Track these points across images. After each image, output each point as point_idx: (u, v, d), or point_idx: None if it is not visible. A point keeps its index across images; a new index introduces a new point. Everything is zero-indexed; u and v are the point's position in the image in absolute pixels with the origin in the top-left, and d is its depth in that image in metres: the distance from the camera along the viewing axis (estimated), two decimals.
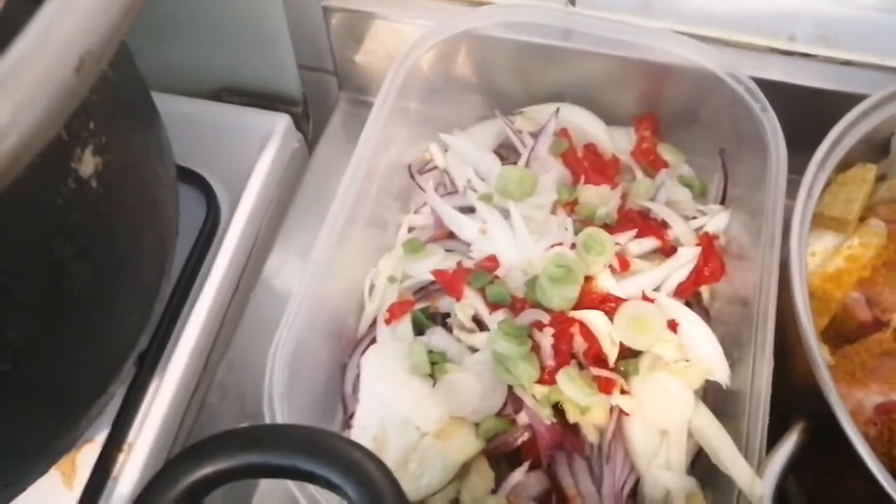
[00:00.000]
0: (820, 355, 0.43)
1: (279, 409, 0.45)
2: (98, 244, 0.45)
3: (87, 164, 0.42)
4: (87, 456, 0.57)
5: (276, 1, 0.66)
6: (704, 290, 0.57)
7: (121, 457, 0.56)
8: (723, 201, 0.61)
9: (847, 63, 0.64)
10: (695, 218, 0.60)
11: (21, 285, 0.39)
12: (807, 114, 0.56)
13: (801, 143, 0.55)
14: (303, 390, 0.51)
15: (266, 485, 0.56)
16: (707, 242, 0.56)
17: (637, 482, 0.49)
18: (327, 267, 0.53)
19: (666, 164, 0.62)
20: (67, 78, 0.25)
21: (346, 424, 0.53)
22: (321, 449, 0.35)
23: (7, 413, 0.43)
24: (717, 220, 0.58)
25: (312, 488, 0.44)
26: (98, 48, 0.26)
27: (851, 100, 0.56)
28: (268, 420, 0.45)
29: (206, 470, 0.35)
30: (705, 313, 0.56)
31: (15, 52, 0.24)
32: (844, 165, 0.55)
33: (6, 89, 0.24)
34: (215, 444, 0.36)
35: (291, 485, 0.44)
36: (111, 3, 0.27)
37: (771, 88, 0.60)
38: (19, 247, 0.38)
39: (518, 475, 0.48)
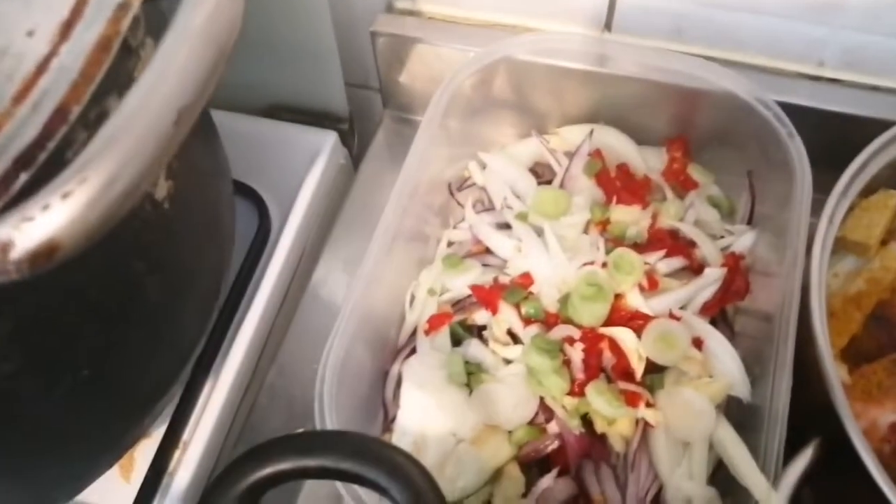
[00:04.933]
0: (835, 375, 0.46)
1: (328, 414, 0.49)
2: (167, 259, 0.49)
3: (162, 188, 0.46)
4: (144, 451, 0.61)
5: (327, 24, 0.69)
6: (730, 307, 0.60)
7: (176, 454, 0.60)
8: (750, 221, 0.64)
9: (874, 89, 0.66)
10: (722, 237, 0.63)
11: (104, 299, 0.43)
12: (835, 138, 0.58)
13: (830, 165, 0.57)
14: (348, 395, 0.54)
15: (311, 483, 0.60)
16: (733, 262, 0.59)
17: (660, 490, 0.52)
18: (374, 279, 0.56)
19: (696, 185, 0.65)
20: (167, 131, 0.29)
21: (387, 428, 0.57)
22: (370, 455, 0.39)
23: (83, 413, 0.47)
24: (743, 241, 0.61)
25: (357, 487, 0.48)
26: (193, 102, 0.30)
27: (879, 125, 0.58)
28: (318, 423, 0.49)
29: (267, 471, 0.39)
30: (730, 330, 0.58)
31: (122, 111, 0.29)
32: (868, 191, 0.57)
33: (116, 145, 0.28)
34: (275, 447, 0.40)
35: (338, 485, 0.47)
36: (202, 64, 0.31)
37: (799, 113, 0.62)
38: (105, 265, 0.42)
39: (547, 481, 0.52)
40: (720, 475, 0.52)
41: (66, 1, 0.32)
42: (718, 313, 0.59)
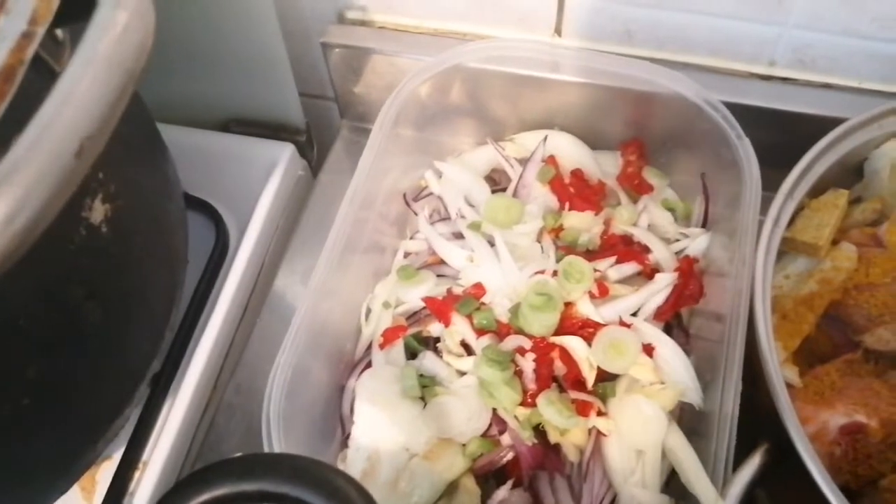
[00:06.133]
0: (779, 381, 0.45)
1: (276, 434, 0.49)
2: (108, 284, 0.48)
3: (97, 211, 0.45)
4: (106, 472, 0.61)
5: (276, 37, 0.69)
6: (685, 310, 0.60)
7: (136, 474, 0.60)
8: (704, 223, 0.63)
9: (826, 86, 0.67)
10: (677, 241, 0.62)
11: (39, 327, 0.43)
12: (790, 137, 0.58)
13: (786, 164, 0.57)
14: (304, 411, 0.54)
15: None
16: (687, 266, 0.59)
17: (614, 499, 0.51)
18: (326, 293, 0.56)
19: (650, 188, 0.65)
20: (69, 163, 0.29)
21: (344, 444, 0.56)
22: (308, 477, 0.38)
23: (28, 441, 0.47)
24: (697, 244, 0.61)
25: None
26: (96, 133, 0.30)
27: (832, 122, 0.58)
28: (265, 444, 0.49)
29: (205, 497, 0.38)
30: (685, 334, 0.58)
31: (22, 143, 0.28)
32: (817, 190, 0.57)
33: (15, 177, 0.27)
34: (213, 472, 0.39)
35: None
36: (106, 92, 0.30)
37: (753, 113, 0.62)
38: (37, 293, 0.42)
39: (502, 493, 0.51)
40: (674, 482, 0.51)
41: None
42: (673, 317, 0.58)
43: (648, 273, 0.59)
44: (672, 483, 0.52)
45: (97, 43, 0.31)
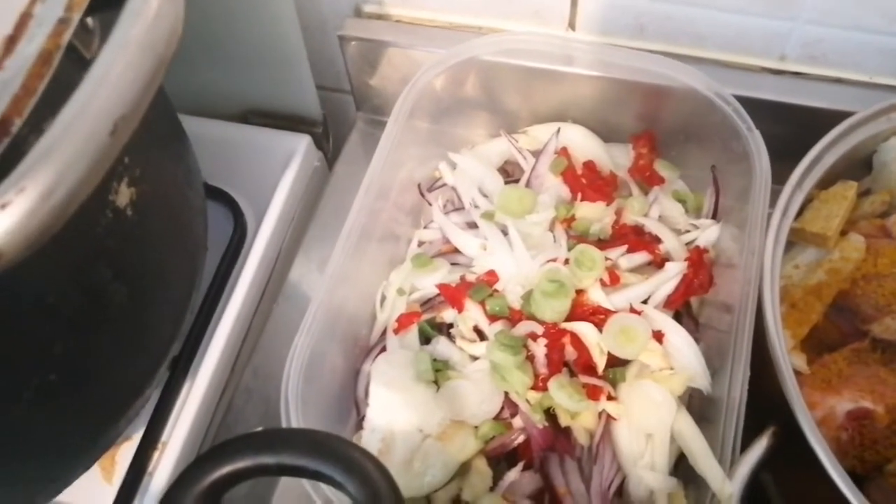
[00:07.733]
0: (787, 367, 0.46)
1: (294, 414, 0.50)
2: (132, 266, 0.50)
3: (123, 195, 0.47)
4: (125, 453, 0.62)
5: (295, 30, 0.70)
6: (695, 299, 0.61)
7: (155, 454, 0.61)
8: (714, 215, 0.64)
9: (838, 81, 0.67)
10: (688, 231, 0.63)
11: (67, 305, 0.44)
12: (801, 131, 0.59)
13: (794, 157, 0.57)
14: (320, 394, 0.55)
15: (285, 483, 0.60)
16: (697, 256, 0.59)
17: (623, 482, 0.52)
18: (342, 279, 0.57)
19: (662, 180, 0.66)
20: (104, 142, 0.30)
21: (359, 426, 0.58)
22: (325, 451, 0.39)
23: (53, 417, 0.48)
24: (707, 235, 0.61)
25: (325, 487, 0.48)
26: (129, 113, 0.31)
27: (843, 116, 0.59)
28: (283, 422, 0.50)
29: (226, 469, 0.40)
30: (694, 323, 0.59)
31: (58, 124, 0.29)
32: (826, 182, 0.58)
33: (52, 155, 0.29)
34: (234, 446, 0.40)
35: (306, 483, 0.48)
36: (139, 75, 0.32)
37: (763, 107, 0.63)
38: (66, 272, 0.43)
39: (513, 475, 0.52)
40: (683, 465, 0.52)
41: (10, 17, 0.32)
42: (683, 306, 0.59)
43: (659, 263, 0.60)
44: (681, 466, 0.53)
45: (130, 28, 0.32)
